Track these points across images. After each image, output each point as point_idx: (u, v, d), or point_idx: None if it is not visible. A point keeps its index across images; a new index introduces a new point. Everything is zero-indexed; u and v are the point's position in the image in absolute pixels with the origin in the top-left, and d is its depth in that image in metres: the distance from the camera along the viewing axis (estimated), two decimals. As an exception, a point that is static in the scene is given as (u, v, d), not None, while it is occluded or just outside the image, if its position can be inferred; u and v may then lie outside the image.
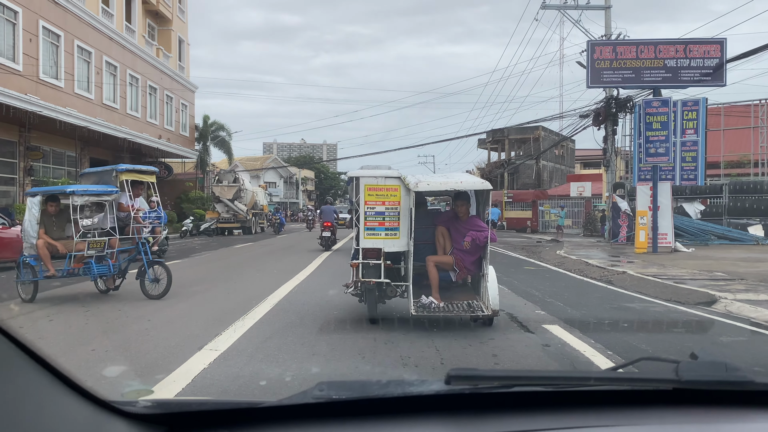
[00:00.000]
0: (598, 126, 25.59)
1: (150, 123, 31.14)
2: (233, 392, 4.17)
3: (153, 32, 33.57)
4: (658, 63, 16.64)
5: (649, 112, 16.39)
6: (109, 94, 26.78)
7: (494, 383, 1.41)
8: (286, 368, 4.84)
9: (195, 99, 38.62)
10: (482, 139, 63.40)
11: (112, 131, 24.90)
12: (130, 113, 28.76)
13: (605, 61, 16.97)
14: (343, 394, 1.37)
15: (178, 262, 14.47)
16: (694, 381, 1.38)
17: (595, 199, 34.26)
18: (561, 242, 23.33)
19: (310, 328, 6.41)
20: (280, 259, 15.60)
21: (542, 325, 6.64)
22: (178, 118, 35.43)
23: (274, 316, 7.26)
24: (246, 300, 8.33)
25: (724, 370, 1.41)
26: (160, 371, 4.67)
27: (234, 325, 6.56)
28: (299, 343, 5.69)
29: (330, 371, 4.78)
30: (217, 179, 31.50)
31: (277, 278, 10.89)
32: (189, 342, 5.74)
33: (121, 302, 8.45)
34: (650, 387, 1.48)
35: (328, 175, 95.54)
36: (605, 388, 1.45)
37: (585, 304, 8.60)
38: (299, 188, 78.37)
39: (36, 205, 8.79)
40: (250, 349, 5.45)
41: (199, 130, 39.26)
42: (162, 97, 32.84)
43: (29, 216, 8.84)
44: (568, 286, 10.69)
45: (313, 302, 8.21)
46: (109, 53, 26.48)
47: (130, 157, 30.20)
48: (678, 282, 10.01)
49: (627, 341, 5.97)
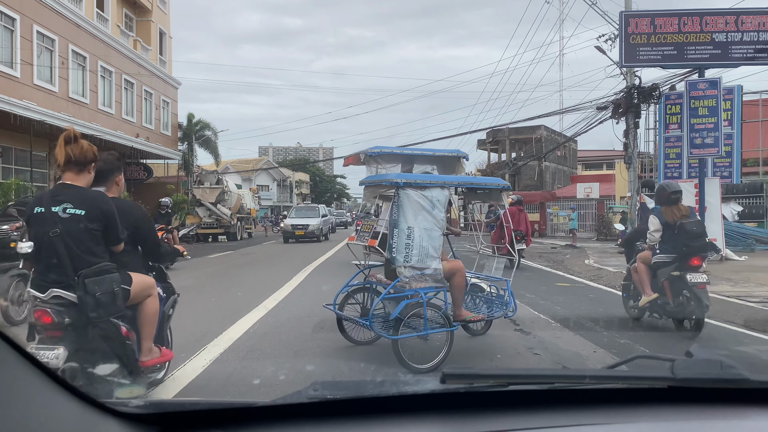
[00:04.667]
0: (617, 119, 23.20)
1: (126, 120, 28.55)
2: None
3: (131, 23, 31.00)
4: (705, 37, 14.15)
5: (694, 95, 13.92)
6: (76, 87, 24.20)
7: (489, 382, 1.42)
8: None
9: (178, 96, 36.04)
10: (482, 140, 61.16)
11: (79, 128, 22.24)
12: (102, 109, 26.18)
13: (642, 35, 14.47)
14: (338, 393, 1.37)
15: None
16: (689, 379, 1.38)
17: (605, 200, 32.01)
18: (579, 248, 20.82)
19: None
20: (256, 273, 12.95)
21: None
22: (158, 116, 32.83)
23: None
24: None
25: (719, 368, 1.41)
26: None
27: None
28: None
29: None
30: (198, 180, 28.78)
31: (232, 309, 8.33)
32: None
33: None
34: (646, 385, 1.47)
35: (323, 178, 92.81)
36: (601, 386, 1.46)
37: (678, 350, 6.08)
38: (293, 191, 75.68)
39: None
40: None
41: (183, 129, 36.65)
42: (140, 92, 30.25)
43: None
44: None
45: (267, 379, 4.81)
46: (76, 42, 23.91)
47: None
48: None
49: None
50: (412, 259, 5.07)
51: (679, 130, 19.46)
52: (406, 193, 5.09)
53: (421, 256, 5.09)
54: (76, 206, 3.49)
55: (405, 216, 5.07)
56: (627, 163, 23.38)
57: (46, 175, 23.71)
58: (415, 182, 5.16)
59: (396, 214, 5.10)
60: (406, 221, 5.05)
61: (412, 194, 5.10)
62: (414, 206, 5.10)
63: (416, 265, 5.08)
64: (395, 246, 5.07)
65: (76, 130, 3.86)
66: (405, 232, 5.06)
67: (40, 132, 20.92)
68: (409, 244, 5.05)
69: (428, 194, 5.15)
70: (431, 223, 5.11)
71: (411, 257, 5.07)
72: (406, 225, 5.06)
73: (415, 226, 5.04)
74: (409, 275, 5.06)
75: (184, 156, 36.24)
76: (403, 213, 5.04)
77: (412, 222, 5.07)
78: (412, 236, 5.06)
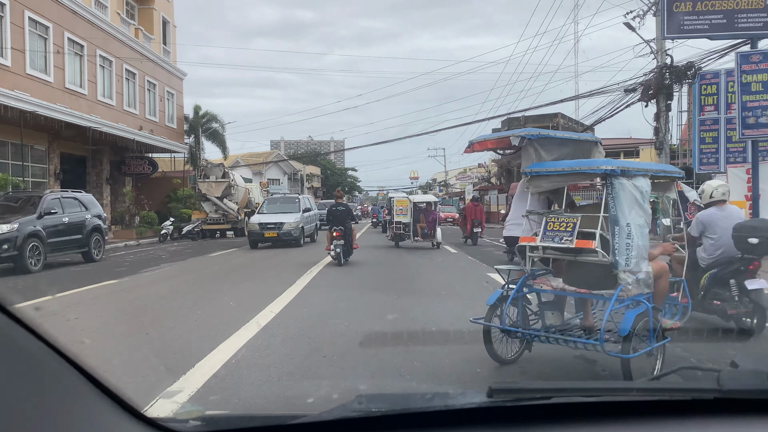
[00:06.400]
0: (647, 102, 21.73)
1: (128, 112, 27.41)
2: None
3: (132, 11, 29.82)
4: (758, 3, 12.60)
5: (746, 69, 12.41)
6: (73, 77, 23.06)
7: (536, 395, 1.42)
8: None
9: (186, 89, 34.93)
10: (496, 129, 59.77)
11: (76, 119, 21.08)
12: (101, 100, 25.02)
13: (687, 2, 12.95)
14: (383, 407, 1.38)
15: (107, 284, 10.67)
16: (736, 390, 1.38)
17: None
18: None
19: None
20: (254, 278, 11.61)
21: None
22: (162, 108, 31.67)
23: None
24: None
25: (765, 379, 1.41)
26: None
27: None
28: None
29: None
30: (203, 174, 27.55)
31: (226, 321, 7.04)
32: None
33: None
34: (691, 396, 1.45)
35: (334, 171, 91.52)
36: (647, 398, 1.47)
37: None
38: (304, 185, 74.55)
39: None
40: None
41: (189, 122, 35.51)
42: (142, 83, 29.09)
43: None
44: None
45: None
46: (72, 30, 22.75)
47: (111, 152, 26.70)
48: None
49: None
50: (631, 262, 4.42)
51: (716, 112, 17.97)
52: (622, 184, 4.46)
53: (639, 257, 4.47)
54: None
55: (622, 210, 4.44)
56: (658, 149, 21.89)
57: (46, 170, 22.65)
58: (627, 170, 4.53)
59: (613, 209, 4.47)
60: (624, 217, 4.43)
61: (627, 185, 4.49)
62: (629, 198, 4.50)
63: (633, 268, 4.44)
64: (618, 247, 4.42)
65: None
66: (625, 230, 4.43)
67: (38, 125, 19.78)
68: (629, 245, 4.41)
69: (638, 184, 4.57)
70: (642, 218, 4.55)
71: (630, 259, 4.42)
72: (625, 221, 4.44)
73: (631, 222, 4.45)
74: (631, 281, 4.40)
75: (191, 149, 35.10)
76: (620, 207, 4.44)
77: (629, 217, 4.47)
78: (630, 235, 4.43)
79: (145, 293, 9.24)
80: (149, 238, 24.57)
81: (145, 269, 13.08)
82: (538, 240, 4.85)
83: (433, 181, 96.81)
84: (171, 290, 9.67)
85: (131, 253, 18.76)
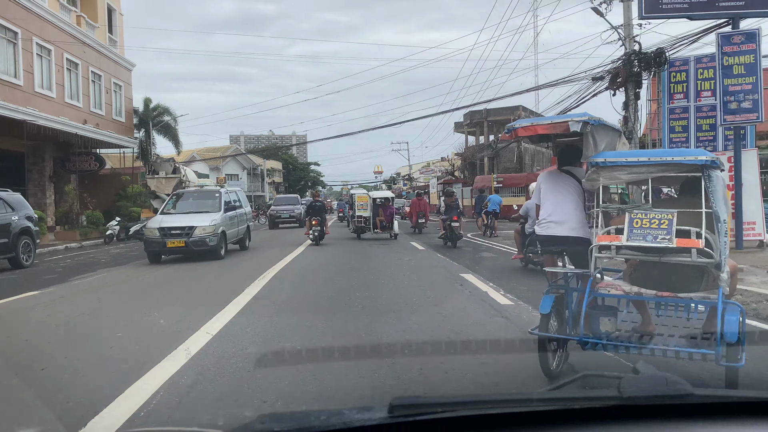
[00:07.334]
0: (615, 90, 21.13)
1: (70, 105, 25.61)
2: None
3: (73, -3, 27.89)
4: (741, -21, 11.84)
5: (727, 51, 11.67)
6: (6, 66, 21.28)
7: (437, 410, 1.40)
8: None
9: (133, 79, 32.98)
10: (459, 123, 59.08)
11: (10, 112, 19.38)
12: (39, 92, 23.23)
13: (665, -20, 12.16)
14: (285, 426, 1.35)
15: (26, 296, 9.36)
16: (635, 396, 1.40)
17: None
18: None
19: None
20: (192, 289, 10.38)
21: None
22: (109, 101, 29.83)
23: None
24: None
25: (664, 384, 1.45)
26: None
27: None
28: None
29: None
30: (152, 170, 25.94)
31: (149, 347, 5.87)
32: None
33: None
34: (593, 405, 1.45)
35: (297, 165, 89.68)
36: (548, 408, 1.45)
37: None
38: (264, 180, 72.69)
39: None
40: None
41: (139, 115, 33.71)
42: (86, 74, 27.25)
43: None
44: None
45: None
46: (4, 15, 20.95)
47: (54, 147, 24.88)
48: None
49: None
50: (723, 264, 4.02)
51: (685, 100, 17.39)
52: (718, 177, 4.12)
53: (725, 257, 4.06)
54: None
55: (719, 206, 4.06)
56: (627, 138, 21.29)
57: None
58: (713, 161, 4.12)
59: (714, 204, 4.08)
60: (722, 212, 4.06)
61: (722, 178, 4.17)
62: (723, 193, 4.18)
63: (725, 268, 4.04)
64: (722, 246, 4.03)
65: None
66: (723, 227, 4.07)
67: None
68: (726, 243, 4.03)
69: (725, 177, 4.34)
70: (726, 214, 4.16)
71: (725, 259, 4.03)
72: (722, 217, 4.07)
73: (723, 218, 4.07)
74: (725, 282, 4.01)
75: (142, 144, 33.32)
76: (718, 202, 4.05)
77: (724, 213, 4.10)
78: (726, 232, 4.07)
79: (63, 309, 7.91)
80: (94, 240, 22.95)
81: (77, 277, 11.66)
82: (623, 239, 4.17)
83: (397, 175, 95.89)
84: (95, 304, 8.37)
85: (70, 256, 17.21)
